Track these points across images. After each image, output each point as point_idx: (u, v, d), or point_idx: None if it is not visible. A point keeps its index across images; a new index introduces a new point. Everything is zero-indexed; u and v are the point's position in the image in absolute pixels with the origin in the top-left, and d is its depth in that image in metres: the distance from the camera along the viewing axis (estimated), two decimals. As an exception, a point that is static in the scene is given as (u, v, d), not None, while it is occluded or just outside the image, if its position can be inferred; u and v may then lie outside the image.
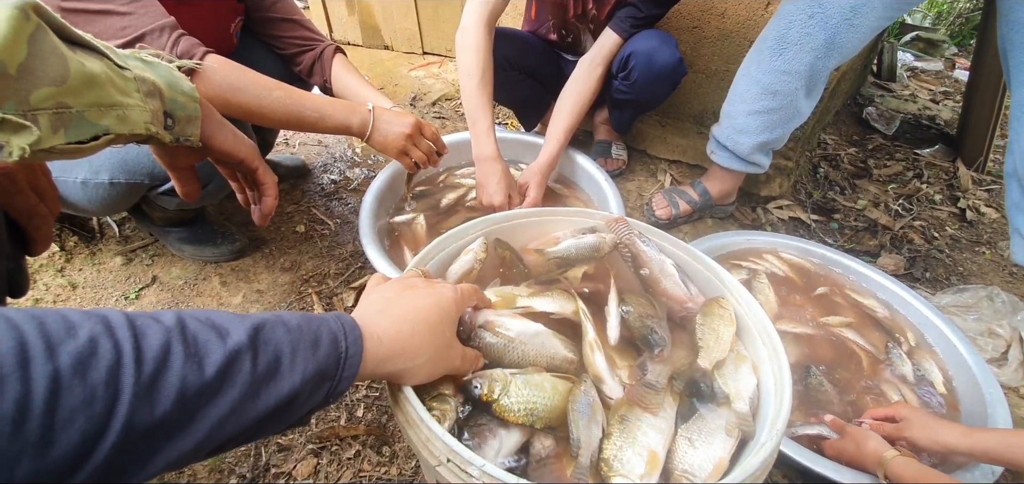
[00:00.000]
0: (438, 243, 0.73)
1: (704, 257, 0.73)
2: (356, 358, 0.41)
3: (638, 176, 1.71)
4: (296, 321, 0.40)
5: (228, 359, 0.34)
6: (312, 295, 1.23)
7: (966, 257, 1.52)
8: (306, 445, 0.94)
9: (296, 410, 0.39)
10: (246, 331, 0.36)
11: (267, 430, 0.37)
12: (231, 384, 0.34)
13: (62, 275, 1.25)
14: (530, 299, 0.68)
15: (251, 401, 0.35)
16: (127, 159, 0.94)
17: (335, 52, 1.24)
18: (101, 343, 0.29)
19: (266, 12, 1.19)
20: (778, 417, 0.51)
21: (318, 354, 0.39)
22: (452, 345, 0.53)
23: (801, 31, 1.13)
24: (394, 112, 1.07)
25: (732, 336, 0.64)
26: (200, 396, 0.32)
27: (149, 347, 0.31)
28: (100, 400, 0.28)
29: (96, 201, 1.00)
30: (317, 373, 0.39)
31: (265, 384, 0.36)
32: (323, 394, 0.40)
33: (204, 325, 0.35)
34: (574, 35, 1.48)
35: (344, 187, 1.61)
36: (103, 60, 0.45)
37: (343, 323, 0.42)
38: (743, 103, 1.27)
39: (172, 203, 1.06)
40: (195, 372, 0.32)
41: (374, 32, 2.55)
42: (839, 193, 1.73)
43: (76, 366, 0.28)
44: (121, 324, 0.31)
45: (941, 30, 3.27)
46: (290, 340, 0.38)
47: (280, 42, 1.23)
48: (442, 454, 0.45)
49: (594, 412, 0.57)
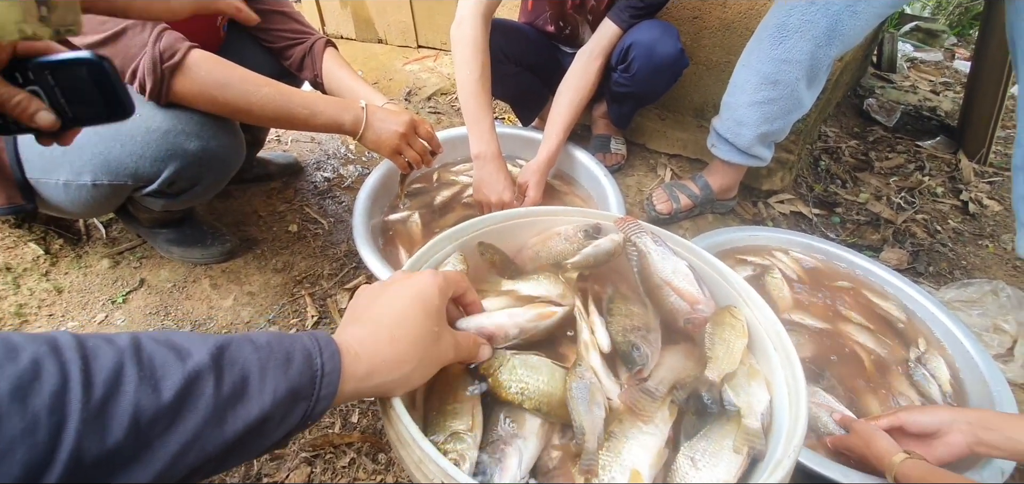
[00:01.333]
0: (433, 244, 0.70)
1: (714, 260, 0.70)
2: (334, 375, 0.39)
3: (638, 171, 1.68)
4: (265, 339, 0.37)
5: (187, 381, 0.32)
6: (305, 296, 1.20)
7: (969, 251, 1.50)
8: (299, 453, 0.92)
9: (269, 434, 0.36)
10: (208, 351, 0.33)
11: (237, 457, 0.35)
12: (192, 408, 0.31)
13: (47, 279, 1.21)
14: (515, 283, 0.66)
15: (216, 426, 0.32)
16: (109, 159, 0.91)
17: (326, 46, 1.20)
18: (45, 366, 0.27)
19: (254, 4, 1.15)
20: (795, 431, 0.48)
21: (290, 372, 0.37)
22: (440, 338, 0.48)
23: (802, 18, 1.10)
24: (388, 110, 1.04)
25: (744, 348, 0.60)
26: (156, 422, 0.30)
27: (99, 369, 0.29)
28: (43, 428, 0.26)
29: (79, 203, 0.96)
30: (289, 392, 0.36)
31: (231, 407, 0.33)
32: (300, 415, 0.37)
33: (162, 345, 0.32)
34: (572, 27, 1.45)
35: (338, 185, 1.57)
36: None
37: (318, 339, 0.40)
38: (743, 94, 1.24)
39: (157, 204, 1.03)
40: (150, 396, 0.30)
41: (367, 25, 2.50)
42: (841, 186, 1.70)
43: (15, 391, 0.26)
44: (70, 345, 0.29)
45: (941, 20, 3.24)
46: (259, 359, 0.36)
47: (269, 35, 1.19)
48: (436, 476, 0.42)
49: (593, 394, 0.54)
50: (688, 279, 0.67)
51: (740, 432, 0.53)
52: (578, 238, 0.76)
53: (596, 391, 0.55)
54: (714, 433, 0.54)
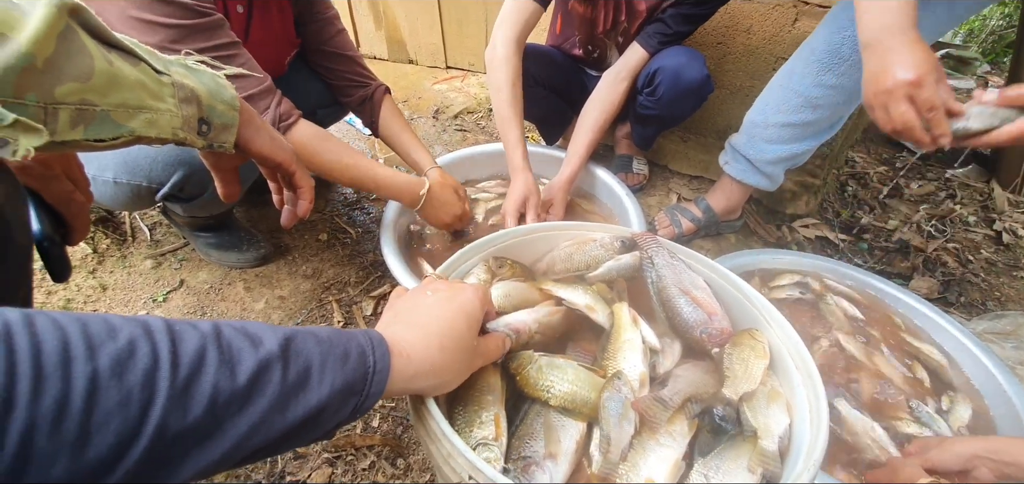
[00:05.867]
0: (461, 255, 0.73)
1: (735, 278, 0.70)
2: (384, 374, 0.41)
3: (659, 191, 1.69)
4: (326, 334, 0.40)
5: (259, 368, 0.34)
6: (332, 302, 1.24)
7: (1003, 282, 1.46)
8: (321, 454, 0.94)
9: (323, 424, 0.38)
10: (278, 341, 0.36)
11: (293, 442, 0.37)
12: (261, 393, 0.34)
13: (94, 276, 1.28)
14: (553, 286, 0.71)
15: (280, 412, 0.35)
16: (127, 161, 0.99)
17: (384, 94, 1.30)
18: (139, 346, 0.30)
19: (322, 45, 1.25)
20: (814, 447, 0.48)
21: (347, 368, 0.39)
22: (477, 349, 0.52)
23: (854, 47, 1.07)
24: (444, 200, 1.19)
25: (764, 370, 0.61)
26: (231, 404, 0.32)
27: (185, 352, 0.31)
28: (135, 402, 0.28)
29: (106, 197, 1.04)
30: (345, 386, 0.39)
31: (295, 395, 0.35)
32: (350, 409, 0.40)
33: (239, 333, 0.35)
34: (600, 50, 1.48)
35: (366, 197, 1.63)
36: (139, 64, 0.46)
37: (372, 339, 0.42)
38: (779, 114, 1.22)
39: (177, 208, 1.11)
40: (227, 379, 0.32)
41: (400, 47, 2.59)
42: (868, 212, 1.68)
43: (114, 367, 0.28)
44: (160, 329, 0.31)
45: (973, 47, 3.18)
46: (320, 352, 0.38)
47: (332, 74, 1.28)
48: (464, 471, 0.44)
49: (626, 409, 0.55)
50: (705, 291, 0.68)
51: (756, 453, 0.53)
52: (614, 247, 0.79)
53: (629, 408, 0.56)
54: (729, 452, 0.55)
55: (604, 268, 0.77)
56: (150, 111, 0.47)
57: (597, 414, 0.56)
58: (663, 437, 0.55)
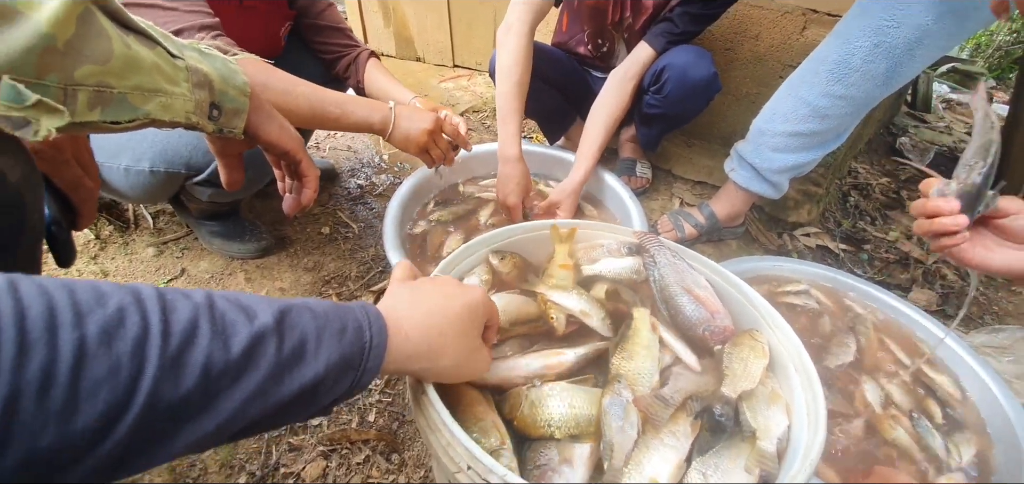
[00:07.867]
0: (464, 250, 0.73)
1: (737, 279, 0.71)
2: (380, 349, 0.41)
3: (662, 195, 1.69)
4: (322, 307, 0.39)
5: (254, 340, 0.33)
6: (332, 296, 1.25)
7: (1001, 296, 1.46)
8: (316, 446, 0.94)
9: (319, 399, 0.38)
10: (272, 313, 0.35)
11: (289, 417, 0.37)
12: (255, 366, 0.33)
13: (95, 262, 1.29)
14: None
15: (275, 385, 0.34)
16: (166, 149, 0.98)
17: (370, 56, 1.29)
18: (129, 314, 0.29)
19: (314, 19, 1.26)
20: (812, 448, 0.49)
21: (343, 341, 0.38)
22: (480, 349, 0.52)
23: (864, 59, 1.08)
24: (415, 108, 1.09)
25: (763, 369, 0.61)
26: (224, 376, 0.31)
27: (177, 321, 0.30)
28: (125, 371, 0.27)
29: (137, 188, 1.04)
30: (341, 361, 0.38)
31: (289, 368, 0.35)
32: (347, 384, 0.39)
33: (232, 304, 0.34)
34: (609, 44, 1.47)
35: (370, 192, 1.63)
36: (156, 48, 0.47)
37: (368, 313, 0.42)
38: (787, 123, 1.22)
39: (205, 193, 1.10)
40: (221, 350, 0.31)
41: (408, 44, 2.60)
42: (870, 223, 1.68)
43: (102, 335, 0.27)
44: (151, 297, 0.31)
45: (979, 62, 3.19)
46: (316, 326, 0.37)
47: (324, 47, 1.30)
48: (462, 460, 0.44)
49: (627, 413, 0.55)
50: (707, 290, 0.68)
51: (754, 453, 0.54)
52: (621, 252, 0.79)
53: (631, 411, 0.56)
54: (728, 451, 0.55)
55: (609, 271, 0.77)
56: (165, 95, 0.47)
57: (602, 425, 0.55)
58: (666, 437, 0.55)
